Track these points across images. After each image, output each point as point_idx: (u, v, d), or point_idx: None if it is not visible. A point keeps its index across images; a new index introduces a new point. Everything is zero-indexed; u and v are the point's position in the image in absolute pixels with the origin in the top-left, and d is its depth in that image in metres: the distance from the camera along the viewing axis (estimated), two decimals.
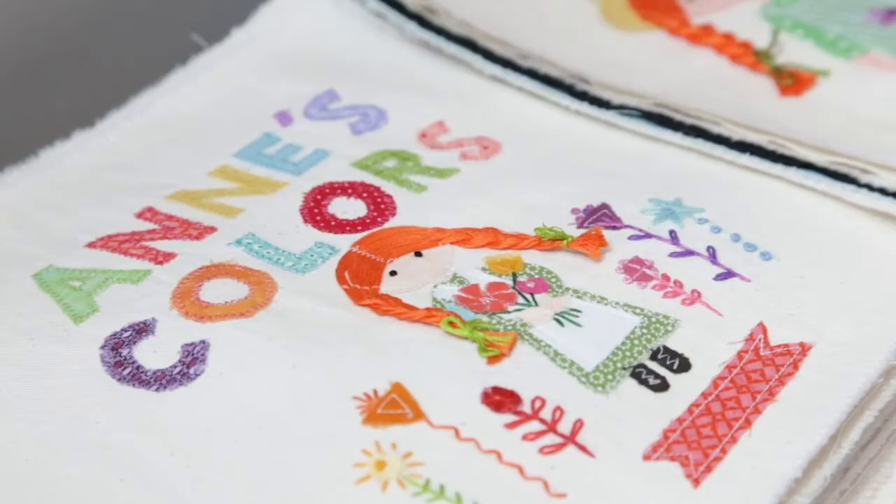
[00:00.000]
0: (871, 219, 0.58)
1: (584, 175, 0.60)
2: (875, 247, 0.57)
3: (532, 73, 0.65)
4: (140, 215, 0.59)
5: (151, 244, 0.57)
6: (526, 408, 0.50)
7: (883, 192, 0.58)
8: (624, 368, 0.52)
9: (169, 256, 0.56)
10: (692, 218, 0.58)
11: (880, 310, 0.54)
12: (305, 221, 0.58)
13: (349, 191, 0.59)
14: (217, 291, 0.54)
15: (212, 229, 0.57)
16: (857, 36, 0.65)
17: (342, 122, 0.63)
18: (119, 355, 0.53)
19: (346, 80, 0.65)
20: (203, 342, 0.53)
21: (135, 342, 0.53)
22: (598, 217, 0.58)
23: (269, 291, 0.54)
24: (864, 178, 0.59)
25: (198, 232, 0.57)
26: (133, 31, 0.76)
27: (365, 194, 0.59)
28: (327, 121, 0.63)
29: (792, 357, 0.53)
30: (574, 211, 0.58)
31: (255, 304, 0.54)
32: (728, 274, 0.56)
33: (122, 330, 0.53)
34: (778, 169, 0.60)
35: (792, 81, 0.64)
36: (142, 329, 0.53)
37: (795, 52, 0.65)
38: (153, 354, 0.52)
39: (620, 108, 0.63)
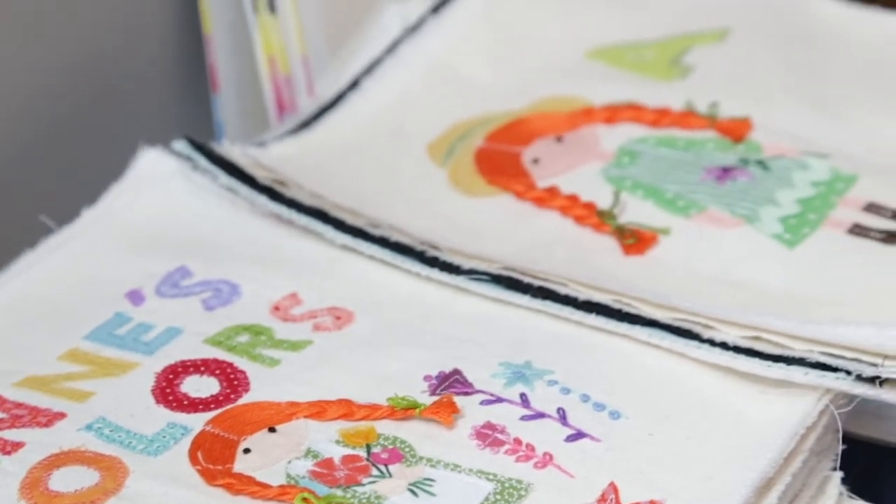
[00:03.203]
0: (713, 373, 0.60)
1: (436, 341, 0.61)
2: (718, 401, 0.59)
3: (383, 241, 0.66)
4: None
5: None
6: None
7: (724, 346, 0.60)
8: None
9: (17, 446, 0.55)
10: (542, 380, 0.59)
11: (727, 463, 0.56)
12: (157, 402, 0.58)
13: (202, 368, 0.59)
14: (67, 479, 0.54)
15: (61, 415, 0.57)
16: (694, 195, 0.68)
17: (194, 298, 0.64)
18: None
19: (198, 255, 0.66)
20: None
21: None
22: (451, 383, 0.59)
23: (121, 476, 0.54)
24: (706, 334, 0.60)
25: (47, 419, 0.57)
26: None
27: (218, 371, 0.59)
28: (179, 298, 0.64)
29: None
30: (426, 378, 0.59)
31: (106, 490, 0.53)
32: (578, 435, 0.57)
33: None
34: (623, 327, 0.61)
35: (634, 240, 0.66)
36: None
37: (637, 211, 0.67)
38: None
39: (470, 273, 0.64)
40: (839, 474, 0.58)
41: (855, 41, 0.78)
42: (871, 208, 0.66)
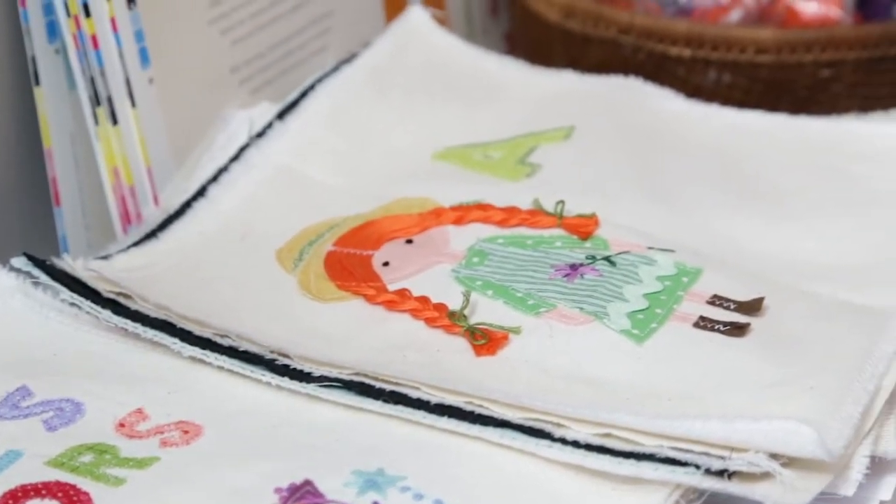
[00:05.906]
0: (566, 472, 0.59)
1: (287, 451, 0.60)
2: (572, 500, 0.58)
3: (232, 351, 0.65)
4: None
5: None
6: None
7: (576, 444, 0.60)
8: None
9: None
10: (395, 487, 0.58)
11: None
12: None
13: (43, 492, 0.58)
14: None
15: None
16: (544, 293, 0.68)
17: (35, 419, 0.62)
18: None
19: (39, 374, 0.64)
20: None
21: None
22: (302, 495, 0.58)
23: None
24: (557, 433, 0.60)
25: None
26: None
27: (60, 494, 0.58)
28: (19, 419, 0.62)
29: None
30: (277, 490, 0.58)
31: None
32: None
33: None
34: (476, 430, 0.61)
35: (486, 341, 0.66)
36: None
37: (487, 311, 0.67)
38: None
39: (321, 380, 0.63)
40: None
41: (695, 137, 0.80)
42: (716, 301, 0.67)
